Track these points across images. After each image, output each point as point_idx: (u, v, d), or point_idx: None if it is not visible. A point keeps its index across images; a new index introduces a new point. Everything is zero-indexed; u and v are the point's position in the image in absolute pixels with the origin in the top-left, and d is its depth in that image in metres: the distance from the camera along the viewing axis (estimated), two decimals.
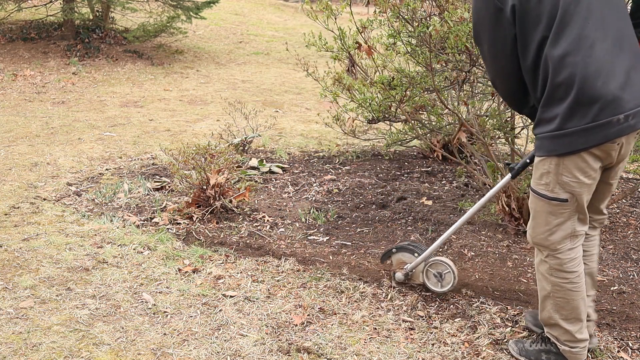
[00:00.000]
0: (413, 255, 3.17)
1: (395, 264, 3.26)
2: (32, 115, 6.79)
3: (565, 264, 2.43)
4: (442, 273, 3.11)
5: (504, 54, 2.32)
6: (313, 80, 4.70)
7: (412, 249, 3.19)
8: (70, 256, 3.51)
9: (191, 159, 4.11)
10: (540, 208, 2.42)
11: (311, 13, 4.03)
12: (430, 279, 3.15)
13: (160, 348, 2.69)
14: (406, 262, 3.21)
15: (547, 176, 2.35)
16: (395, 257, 3.25)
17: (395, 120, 4.41)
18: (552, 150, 2.29)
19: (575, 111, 2.19)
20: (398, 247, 3.25)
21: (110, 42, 10.22)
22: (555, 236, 2.41)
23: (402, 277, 3.21)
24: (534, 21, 2.22)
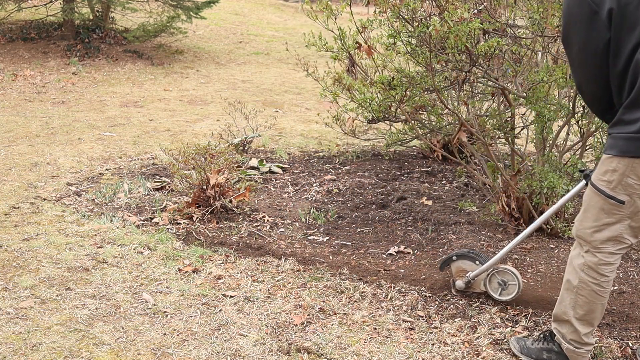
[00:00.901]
0: (474, 263, 3.10)
1: (455, 272, 3.17)
2: (32, 115, 6.79)
3: (601, 266, 2.41)
4: (507, 282, 3.05)
5: (595, 58, 2.27)
6: (313, 80, 4.70)
7: (473, 256, 3.12)
8: (70, 256, 3.51)
9: (191, 159, 4.11)
10: (594, 203, 2.38)
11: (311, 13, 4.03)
12: (493, 287, 3.09)
13: (160, 348, 2.69)
14: (466, 270, 3.13)
15: (612, 174, 2.31)
16: (455, 264, 3.17)
17: (395, 120, 4.41)
18: (627, 151, 2.26)
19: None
20: (458, 254, 3.16)
21: (110, 42, 10.22)
22: (600, 235, 2.38)
23: (463, 285, 3.14)
24: (631, 26, 2.17)
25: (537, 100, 3.55)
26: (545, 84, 3.55)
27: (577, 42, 2.30)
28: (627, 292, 3.24)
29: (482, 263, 3.07)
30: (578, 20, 2.27)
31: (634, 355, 2.71)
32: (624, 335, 2.85)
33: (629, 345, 2.77)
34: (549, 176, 3.52)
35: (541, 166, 3.66)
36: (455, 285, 3.18)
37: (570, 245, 3.74)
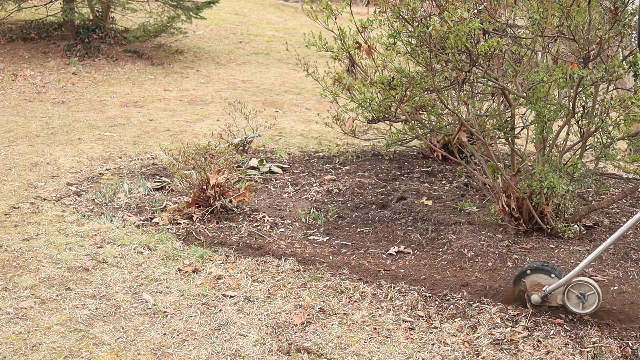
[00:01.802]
0: (550, 277, 3.01)
1: (530, 287, 3.08)
2: (32, 115, 6.79)
3: None
4: (586, 294, 2.95)
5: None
6: (313, 80, 4.70)
7: (548, 270, 3.03)
8: (70, 256, 3.51)
9: (191, 159, 4.11)
10: None
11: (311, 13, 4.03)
12: (572, 300, 2.98)
13: (160, 348, 2.69)
14: (541, 284, 3.04)
15: None
16: (530, 278, 3.07)
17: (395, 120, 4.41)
18: None
19: None
20: (532, 268, 3.07)
21: (110, 42, 10.21)
22: None
23: (539, 299, 3.04)
24: None
25: (537, 100, 3.55)
26: (545, 84, 3.55)
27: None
28: (627, 292, 3.24)
29: (557, 276, 2.98)
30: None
31: (634, 355, 2.71)
32: (624, 335, 2.85)
33: (629, 345, 2.77)
34: (549, 176, 3.52)
35: (541, 166, 3.66)
36: (531, 299, 3.07)
37: (570, 245, 3.74)
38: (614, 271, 3.45)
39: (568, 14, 3.35)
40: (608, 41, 3.31)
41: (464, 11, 3.22)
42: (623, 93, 3.90)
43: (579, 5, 3.36)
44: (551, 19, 3.25)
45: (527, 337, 2.80)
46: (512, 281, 3.19)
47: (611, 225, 4.05)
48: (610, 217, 4.19)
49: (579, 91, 3.55)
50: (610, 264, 3.53)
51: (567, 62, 3.57)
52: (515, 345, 2.75)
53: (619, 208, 4.36)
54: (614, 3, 3.31)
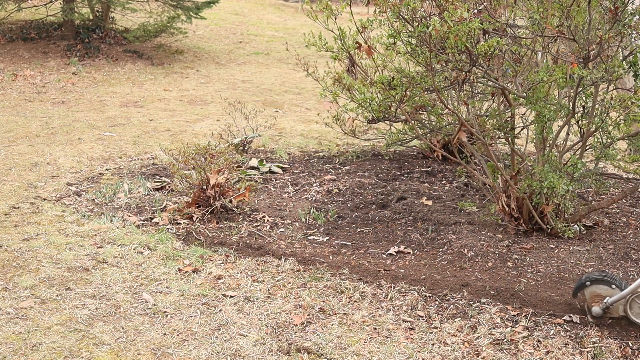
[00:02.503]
0: (610, 287, 2.94)
1: (589, 298, 3.01)
2: (32, 115, 6.79)
3: None
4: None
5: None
6: (313, 80, 4.70)
7: (608, 280, 2.96)
8: (70, 256, 3.51)
9: (191, 159, 4.11)
10: None
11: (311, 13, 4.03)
12: (634, 310, 2.92)
13: (160, 348, 2.69)
14: (601, 295, 2.96)
15: None
16: (589, 290, 3.00)
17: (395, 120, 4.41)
18: None
19: None
20: (591, 279, 2.99)
21: (110, 42, 10.21)
22: None
23: (601, 311, 2.97)
24: None
25: (537, 100, 3.55)
26: (545, 84, 3.55)
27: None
28: None
29: (618, 286, 2.93)
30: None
31: (634, 355, 2.71)
32: (624, 335, 2.85)
33: (629, 345, 2.77)
34: (549, 176, 3.52)
35: (541, 166, 3.66)
36: (591, 312, 3.00)
37: (570, 245, 3.74)
38: (613, 271, 3.45)
39: (568, 14, 3.35)
40: (608, 41, 3.31)
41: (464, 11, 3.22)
42: (623, 93, 3.90)
43: (579, 5, 3.36)
44: (551, 19, 3.25)
45: (527, 337, 2.80)
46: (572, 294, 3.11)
47: (611, 225, 4.05)
48: (610, 217, 4.19)
49: (579, 91, 3.55)
50: (610, 264, 3.53)
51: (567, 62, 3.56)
52: (515, 345, 2.75)
53: (619, 208, 4.36)
54: (614, 3, 3.31)
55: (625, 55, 3.48)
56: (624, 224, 4.07)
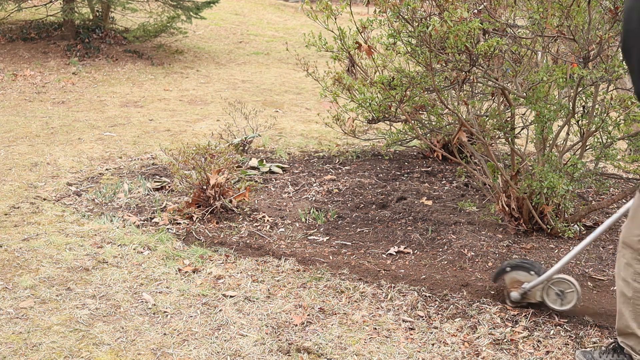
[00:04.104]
0: (529, 274, 3.01)
1: (509, 284, 3.09)
2: (32, 115, 6.79)
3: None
4: (565, 291, 2.97)
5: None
6: (313, 80, 4.70)
7: (527, 266, 3.03)
8: (70, 256, 3.51)
9: (191, 159, 4.11)
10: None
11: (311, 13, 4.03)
12: (551, 297, 3.00)
13: (160, 348, 2.69)
14: (521, 281, 3.03)
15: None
16: (509, 276, 3.08)
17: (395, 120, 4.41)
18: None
19: None
20: (512, 265, 3.07)
21: (110, 42, 10.21)
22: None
23: (519, 296, 3.05)
24: None
25: (537, 100, 3.55)
26: (545, 84, 3.55)
27: (637, 51, 2.25)
28: None
29: (537, 273, 2.98)
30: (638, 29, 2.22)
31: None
32: None
33: None
34: (549, 176, 3.52)
35: (541, 166, 3.66)
36: (510, 297, 3.08)
37: (569, 245, 3.74)
38: (613, 271, 3.45)
39: (568, 14, 3.35)
40: (608, 41, 3.31)
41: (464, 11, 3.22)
42: (623, 93, 3.89)
43: (579, 5, 3.36)
44: (551, 19, 3.25)
45: (527, 337, 2.80)
46: (492, 278, 3.21)
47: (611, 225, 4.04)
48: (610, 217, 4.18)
49: (579, 91, 3.55)
50: (610, 264, 3.53)
51: (567, 62, 3.56)
52: (515, 345, 2.75)
53: (619, 208, 4.36)
54: (614, 3, 3.31)
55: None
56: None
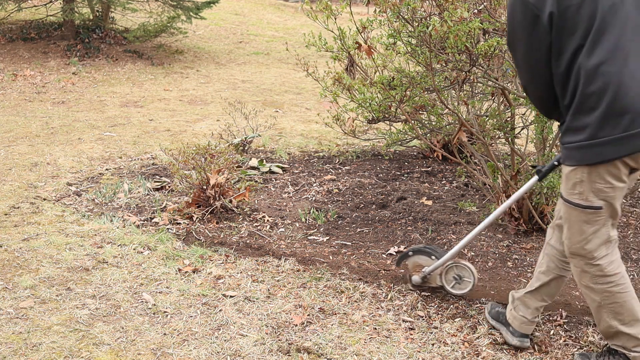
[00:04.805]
0: (430, 258, 3.12)
1: (412, 267, 3.20)
2: (32, 115, 6.79)
3: (606, 269, 2.40)
4: (462, 276, 3.09)
5: (538, 62, 2.31)
6: (313, 80, 4.70)
7: (429, 251, 3.14)
8: (70, 256, 3.51)
9: (191, 159, 4.11)
10: (574, 217, 2.39)
11: (311, 13, 4.03)
12: (449, 282, 3.12)
13: (160, 348, 2.69)
14: (422, 265, 3.15)
15: (580, 185, 2.33)
16: (412, 260, 3.19)
17: (395, 120, 4.41)
18: (583, 160, 2.28)
19: (606, 121, 2.19)
20: (414, 250, 3.19)
21: (110, 42, 10.22)
22: (591, 245, 2.39)
23: (420, 280, 3.17)
24: (571, 29, 2.22)
25: None
26: None
27: (521, 46, 2.34)
28: None
29: (438, 258, 3.09)
30: (521, 24, 2.30)
31: None
32: None
33: None
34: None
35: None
36: (411, 280, 3.21)
37: None
38: None
39: None
40: None
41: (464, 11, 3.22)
42: None
43: None
44: None
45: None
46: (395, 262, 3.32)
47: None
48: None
49: None
50: None
51: None
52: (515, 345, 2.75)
53: None
54: None
55: None
56: (624, 224, 4.07)
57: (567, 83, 2.27)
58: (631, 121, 2.18)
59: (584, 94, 2.21)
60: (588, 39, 2.19)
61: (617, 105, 2.17)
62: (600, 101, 2.19)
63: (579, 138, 2.27)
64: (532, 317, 2.69)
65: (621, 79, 2.17)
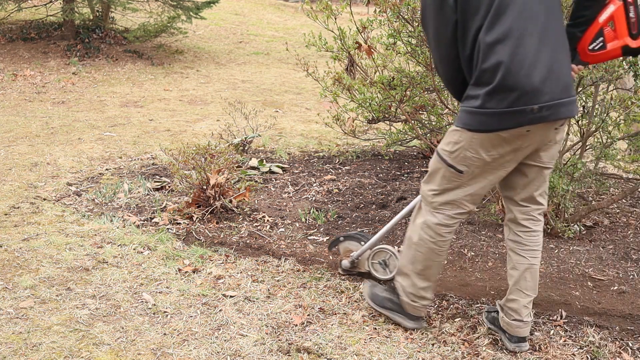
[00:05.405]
0: (359, 244, 3.26)
1: (343, 252, 3.35)
2: (32, 115, 6.79)
3: (439, 226, 2.63)
4: (387, 260, 3.22)
5: (446, 40, 2.44)
6: (313, 80, 4.70)
7: (358, 237, 3.29)
8: (70, 256, 3.51)
9: (191, 159, 4.11)
10: (438, 169, 2.60)
11: (311, 13, 4.03)
12: (376, 267, 3.26)
13: (160, 348, 2.69)
14: (352, 251, 3.30)
15: (454, 145, 2.51)
16: (343, 245, 3.35)
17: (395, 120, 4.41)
18: (467, 124, 2.45)
19: (495, 95, 2.34)
20: (345, 235, 3.35)
21: (110, 42, 10.22)
22: (439, 198, 2.61)
23: (349, 264, 3.31)
24: (474, 10, 2.36)
25: None
26: None
27: (431, 25, 2.48)
28: (627, 292, 3.24)
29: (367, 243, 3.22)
30: (431, 4, 2.44)
31: (634, 356, 2.71)
32: (624, 335, 2.85)
33: (629, 345, 2.77)
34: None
35: None
36: (341, 265, 3.34)
37: (570, 245, 3.74)
38: (613, 271, 3.45)
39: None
40: None
41: None
42: (623, 93, 3.90)
43: None
44: None
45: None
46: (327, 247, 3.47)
47: (611, 225, 4.05)
48: (610, 217, 4.19)
49: (579, 91, 3.55)
50: (610, 264, 3.53)
51: None
52: None
53: (619, 208, 4.36)
54: None
55: None
56: (624, 224, 4.07)
57: (472, 62, 2.41)
58: (517, 98, 2.32)
59: (481, 69, 2.36)
60: (487, 18, 2.33)
61: (507, 82, 2.31)
62: (493, 77, 2.32)
63: (471, 104, 2.42)
64: (525, 316, 2.69)
65: (513, 58, 2.30)
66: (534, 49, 2.33)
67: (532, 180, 2.60)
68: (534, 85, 2.31)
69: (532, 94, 2.32)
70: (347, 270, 3.34)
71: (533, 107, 2.32)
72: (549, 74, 2.34)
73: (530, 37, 2.33)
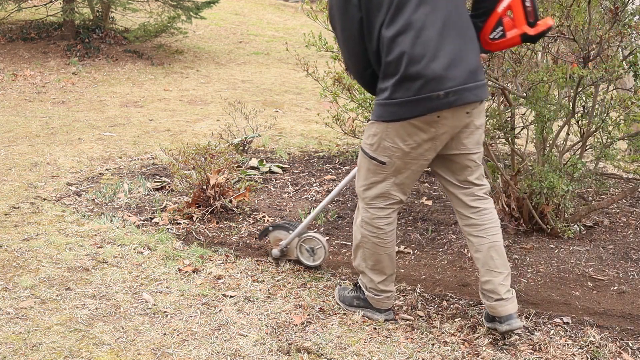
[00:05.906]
0: (288, 233, 3.39)
1: (272, 242, 3.49)
2: (32, 115, 6.79)
3: (375, 219, 2.73)
4: (314, 248, 3.36)
5: (353, 37, 2.54)
6: (313, 80, 4.70)
7: (287, 227, 3.42)
8: (70, 256, 3.52)
9: (191, 159, 4.11)
10: (363, 164, 2.72)
11: (311, 13, 4.03)
12: (304, 254, 3.40)
13: (160, 348, 2.69)
14: (281, 239, 3.43)
15: (372, 138, 2.62)
16: (272, 234, 3.48)
17: None
18: (380, 116, 2.56)
19: (401, 85, 2.45)
20: (274, 225, 3.49)
21: (110, 42, 10.21)
22: (369, 192, 2.72)
23: (278, 253, 3.44)
24: (377, 7, 2.46)
25: (537, 100, 3.55)
26: (545, 84, 3.55)
27: (338, 23, 2.57)
28: (627, 292, 3.24)
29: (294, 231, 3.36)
30: (337, 3, 2.53)
31: (634, 355, 2.71)
32: (624, 335, 2.85)
33: (629, 345, 2.77)
34: (549, 176, 3.52)
35: (541, 166, 3.66)
36: (271, 253, 3.48)
37: (570, 245, 3.75)
38: (613, 271, 3.46)
39: (568, 14, 3.35)
40: (608, 41, 3.31)
41: None
42: (623, 93, 3.90)
43: (579, 5, 3.36)
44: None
45: (526, 337, 2.80)
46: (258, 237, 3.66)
47: (611, 225, 4.05)
48: (610, 217, 4.19)
49: (579, 91, 3.55)
50: (610, 264, 3.53)
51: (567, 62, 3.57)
52: (514, 346, 2.75)
53: (619, 208, 4.36)
54: (614, 3, 3.31)
55: (625, 55, 3.48)
56: (624, 224, 4.07)
57: (379, 57, 2.51)
58: (422, 86, 2.42)
59: (385, 62, 2.47)
60: (388, 14, 2.44)
61: (410, 71, 2.42)
62: (397, 68, 2.43)
63: (381, 97, 2.54)
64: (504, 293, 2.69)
65: (415, 48, 2.41)
66: (436, 38, 2.42)
67: (464, 167, 2.68)
68: (438, 73, 2.40)
69: (437, 80, 2.41)
70: (277, 259, 3.48)
71: (439, 94, 2.42)
72: (453, 60, 2.43)
73: (432, 27, 2.42)
